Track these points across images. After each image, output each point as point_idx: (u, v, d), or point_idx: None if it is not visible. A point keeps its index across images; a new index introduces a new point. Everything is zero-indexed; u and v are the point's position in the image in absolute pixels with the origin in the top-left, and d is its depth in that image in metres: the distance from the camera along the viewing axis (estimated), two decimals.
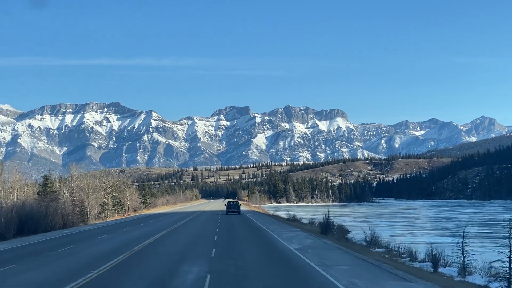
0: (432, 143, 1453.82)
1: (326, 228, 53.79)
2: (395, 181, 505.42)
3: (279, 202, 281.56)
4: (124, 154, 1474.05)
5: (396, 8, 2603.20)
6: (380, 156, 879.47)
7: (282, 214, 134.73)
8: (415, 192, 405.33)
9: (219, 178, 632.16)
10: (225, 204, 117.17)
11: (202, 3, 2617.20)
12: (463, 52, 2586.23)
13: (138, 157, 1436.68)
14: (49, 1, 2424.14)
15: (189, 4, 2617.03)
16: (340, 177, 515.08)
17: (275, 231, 55.62)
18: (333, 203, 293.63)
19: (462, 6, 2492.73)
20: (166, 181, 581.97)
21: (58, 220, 76.62)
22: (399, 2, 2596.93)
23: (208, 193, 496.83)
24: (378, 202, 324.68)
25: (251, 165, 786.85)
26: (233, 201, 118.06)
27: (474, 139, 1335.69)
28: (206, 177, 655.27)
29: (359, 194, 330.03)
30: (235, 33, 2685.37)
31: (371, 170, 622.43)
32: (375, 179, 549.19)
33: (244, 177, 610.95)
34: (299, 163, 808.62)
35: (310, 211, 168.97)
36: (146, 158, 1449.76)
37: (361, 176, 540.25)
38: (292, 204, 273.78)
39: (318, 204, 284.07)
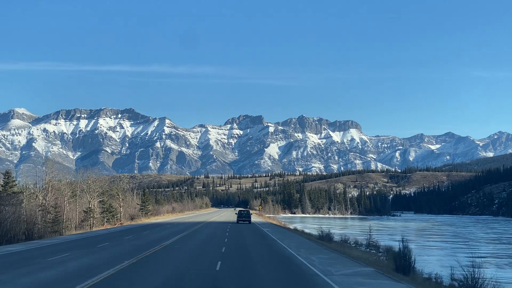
0: (447, 157, 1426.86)
1: (403, 262, 32.09)
2: (412, 194, 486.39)
3: (294, 213, 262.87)
4: (136, 161, 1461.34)
5: (412, 21, 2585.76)
6: (396, 169, 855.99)
7: (300, 226, 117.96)
8: (436, 206, 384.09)
9: (231, 187, 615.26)
10: (236, 213, 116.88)
11: (219, 13, 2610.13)
12: (481, 66, 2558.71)
13: (151, 164, 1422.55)
14: (66, 8, 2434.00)
15: (206, 14, 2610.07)
16: (355, 189, 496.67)
17: (317, 266, 33.99)
18: (352, 216, 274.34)
19: (480, 20, 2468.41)
20: (177, 188, 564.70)
21: (19, 230, 58.50)
22: (415, 15, 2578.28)
23: (219, 202, 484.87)
24: (400, 215, 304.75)
25: (264, 174, 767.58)
26: (244, 210, 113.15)
27: (491, 154, 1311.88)
28: (218, 185, 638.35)
29: (379, 207, 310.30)
30: (251, 43, 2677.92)
31: (387, 183, 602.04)
32: (391, 192, 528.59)
33: (256, 186, 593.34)
34: (312, 173, 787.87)
35: (333, 224, 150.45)
36: (158, 165, 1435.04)
37: (376, 188, 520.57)
38: (307, 215, 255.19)
39: (335, 216, 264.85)
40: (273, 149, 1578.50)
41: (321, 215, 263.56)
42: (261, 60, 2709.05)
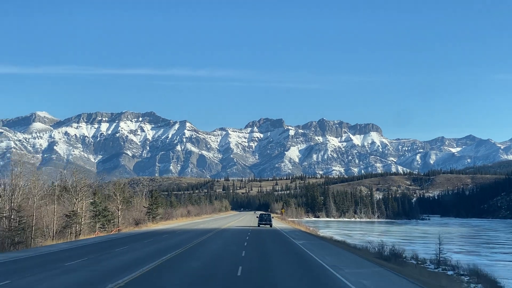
0: (468, 160, 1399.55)
1: None
2: (436, 197, 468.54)
3: (318, 217, 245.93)
4: (157, 164, 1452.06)
5: (434, 24, 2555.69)
6: (418, 171, 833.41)
7: (331, 233, 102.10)
8: (464, 209, 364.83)
9: (251, 190, 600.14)
10: (257, 217, 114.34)
11: (242, 16, 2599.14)
12: (502, 69, 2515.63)
13: (171, 167, 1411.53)
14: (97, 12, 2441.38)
15: (228, 17, 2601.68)
16: (378, 192, 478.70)
17: None
18: (379, 220, 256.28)
19: (503, 23, 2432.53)
20: (197, 191, 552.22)
21: None
22: (437, 18, 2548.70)
23: (239, 205, 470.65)
24: (429, 219, 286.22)
25: (284, 177, 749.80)
26: (265, 214, 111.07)
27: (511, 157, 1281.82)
28: (238, 188, 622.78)
29: (407, 210, 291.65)
30: (272, 46, 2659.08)
31: (410, 185, 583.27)
32: (414, 195, 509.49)
33: (277, 189, 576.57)
34: (334, 176, 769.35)
35: (366, 229, 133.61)
36: (179, 168, 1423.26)
37: (399, 191, 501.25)
38: (332, 219, 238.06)
39: (362, 220, 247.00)
40: (294, 153, 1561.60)
41: (346, 219, 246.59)
42: (281, 63, 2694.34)
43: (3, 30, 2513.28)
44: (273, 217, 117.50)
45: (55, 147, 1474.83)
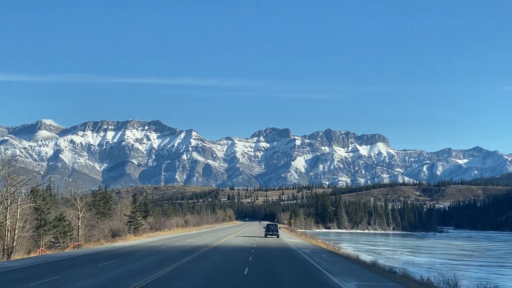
0: (475, 172, 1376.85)
1: None
2: (446, 208, 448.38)
3: (329, 228, 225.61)
4: (163, 173, 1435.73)
5: (441, 35, 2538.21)
6: (428, 182, 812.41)
7: (352, 248, 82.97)
8: (480, 221, 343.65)
9: (257, 199, 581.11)
10: (263, 227, 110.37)
11: (252, 26, 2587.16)
12: (509, 80, 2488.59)
13: (177, 176, 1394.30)
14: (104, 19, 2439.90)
15: (238, 27, 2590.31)
16: (386, 202, 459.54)
17: None
18: (394, 231, 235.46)
19: (509, 35, 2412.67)
20: (201, 200, 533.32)
21: None
22: (443, 30, 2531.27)
23: (244, 214, 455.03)
24: (447, 231, 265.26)
25: (291, 187, 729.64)
26: (272, 224, 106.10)
27: None
28: (243, 197, 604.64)
29: (425, 222, 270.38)
30: (279, 56, 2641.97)
31: (419, 196, 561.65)
32: (425, 206, 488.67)
33: (283, 198, 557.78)
34: (341, 186, 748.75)
35: (389, 243, 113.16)
36: (185, 177, 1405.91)
37: (409, 201, 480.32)
38: (344, 230, 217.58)
39: (376, 232, 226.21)
40: (300, 162, 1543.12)
41: (359, 231, 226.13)
42: (289, 73, 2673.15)
43: (10, 38, 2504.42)
44: (280, 228, 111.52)
45: (60, 155, 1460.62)
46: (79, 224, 60.78)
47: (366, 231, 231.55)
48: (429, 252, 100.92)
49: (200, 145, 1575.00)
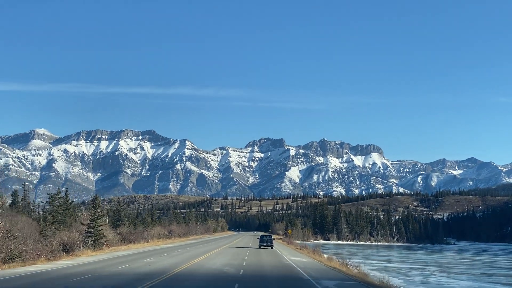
0: (470, 183, 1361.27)
1: None
2: (445, 219, 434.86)
3: (328, 239, 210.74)
4: (156, 182, 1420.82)
5: (435, 47, 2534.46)
6: (426, 192, 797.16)
7: (369, 267, 68.48)
8: (484, 233, 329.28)
9: (251, 209, 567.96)
10: (257, 238, 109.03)
11: (246, 37, 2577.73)
12: (505, 92, 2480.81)
13: (171, 186, 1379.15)
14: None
15: (234, 37, 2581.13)
16: (383, 213, 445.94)
17: None
18: (398, 243, 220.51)
19: (504, 46, 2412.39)
20: (194, 209, 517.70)
21: None
22: (438, 42, 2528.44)
23: (238, 224, 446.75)
24: (454, 243, 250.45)
25: (285, 197, 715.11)
26: (266, 235, 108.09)
27: None
28: (237, 207, 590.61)
29: (430, 233, 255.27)
30: (274, 66, 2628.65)
31: (417, 206, 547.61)
32: (422, 216, 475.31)
33: (277, 208, 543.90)
34: (337, 196, 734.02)
35: (408, 259, 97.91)
36: (179, 187, 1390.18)
37: (406, 212, 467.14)
38: (345, 242, 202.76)
39: (379, 244, 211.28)
40: (294, 173, 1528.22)
41: (361, 242, 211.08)
42: (284, 83, 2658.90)
43: (3, 47, 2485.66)
44: (274, 239, 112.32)
45: (53, 165, 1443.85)
46: None
47: (368, 242, 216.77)
48: (461, 271, 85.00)
49: (194, 155, 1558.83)
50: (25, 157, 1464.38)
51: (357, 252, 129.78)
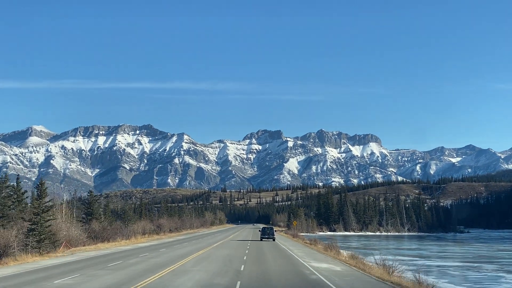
0: (469, 170, 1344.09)
1: None
2: (448, 206, 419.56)
3: (334, 230, 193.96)
4: (155, 177, 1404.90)
5: (432, 36, 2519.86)
6: (428, 180, 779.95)
7: (407, 265, 49.67)
8: (494, 219, 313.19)
9: (250, 201, 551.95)
10: (259, 230, 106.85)
11: (244, 29, 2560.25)
12: (501, 78, 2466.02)
13: (169, 180, 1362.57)
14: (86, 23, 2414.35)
15: (229, 29, 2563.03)
16: (385, 201, 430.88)
17: None
18: (410, 233, 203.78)
19: (501, 33, 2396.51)
20: (192, 203, 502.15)
21: None
22: (434, 31, 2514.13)
23: (237, 217, 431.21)
24: (468, 232, 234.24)
25: (285, 188, 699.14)
26: (267, 227, 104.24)
27: None
28: (236, 199, 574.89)
29: (443, 221, 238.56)
30: (271, 58, 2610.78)
31: (419, 194, 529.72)
32: (425, 204, 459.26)
33: (277, 199, 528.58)
34: (337, 186, 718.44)
35: (435, 252, 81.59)
36: (177, 181, 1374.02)
37: (409, 200, 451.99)
38: (352, 233, 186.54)
39: (389, 234, 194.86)
40: (293, 164, 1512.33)
41: (370, 233, 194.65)
42: (280, 75, 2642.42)
43: None
44: (276, 231, 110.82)
45: (51, 161, 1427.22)
46: None
47: (378, 233, 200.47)
48: None
49: (192, 148, 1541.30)
50: (23, 154, 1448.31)
51: (372, 245, 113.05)
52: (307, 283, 31.56)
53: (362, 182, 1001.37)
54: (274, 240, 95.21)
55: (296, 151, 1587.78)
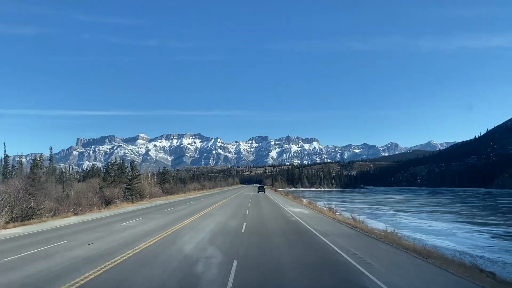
0: (364, 156, 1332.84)
1: None
2: (355, 175, 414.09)
3: (295, 187, 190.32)
4: (202, 160, 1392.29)
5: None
6: (344, 161, 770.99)
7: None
8: (380, 182, 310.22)
9: (252, 173, 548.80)
10: (256, 187, 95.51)
11: (256, 61, 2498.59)
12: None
13: (210, 162, 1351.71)
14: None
15: (246, 65, 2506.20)
16: (322, 172, 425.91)
17: None
18: (335, 189, 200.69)
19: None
20: (221, 174, 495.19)
21: None
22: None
23: (245, 181, 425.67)
24: (365, 188, 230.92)
25: (269, 166, 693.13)
26: (261, 186, 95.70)
27: (386, 154, 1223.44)
28: (244, 172, 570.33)
29: (353, 182, 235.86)
30: (267, 89, 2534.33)
31: (340, 169, 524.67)
32: (343, 174, 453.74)
33: (266, 171, 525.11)
34: (296, 165, 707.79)
35: (358, 200, 78.77)
36: (214, 162, 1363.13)
37: (334, 172, 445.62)
38: (305, 189, 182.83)
39: (325, 189, 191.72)
40: (274, 154, 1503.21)
41: (315, 188, 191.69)
42: (269, 102, 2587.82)
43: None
44: (265, 187, 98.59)
45: (149, 153, 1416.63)
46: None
47: (319, 188, 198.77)
48: (408, 208, 63.65)
49: (222, 145, 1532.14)
50: (134, 150, 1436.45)
51: (321, 196, 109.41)
52: (290, 223, 25.71)
53: (310, 163, 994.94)
54: (264, 192, 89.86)
55: (275, 146, 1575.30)
